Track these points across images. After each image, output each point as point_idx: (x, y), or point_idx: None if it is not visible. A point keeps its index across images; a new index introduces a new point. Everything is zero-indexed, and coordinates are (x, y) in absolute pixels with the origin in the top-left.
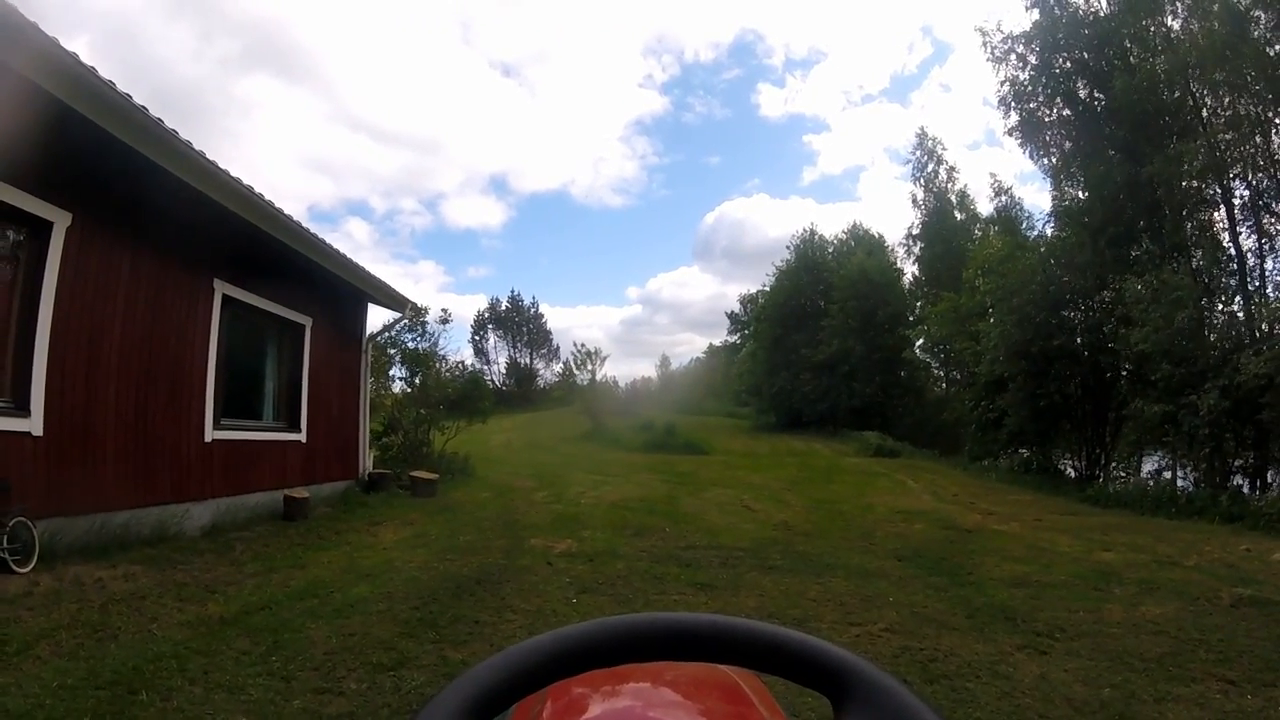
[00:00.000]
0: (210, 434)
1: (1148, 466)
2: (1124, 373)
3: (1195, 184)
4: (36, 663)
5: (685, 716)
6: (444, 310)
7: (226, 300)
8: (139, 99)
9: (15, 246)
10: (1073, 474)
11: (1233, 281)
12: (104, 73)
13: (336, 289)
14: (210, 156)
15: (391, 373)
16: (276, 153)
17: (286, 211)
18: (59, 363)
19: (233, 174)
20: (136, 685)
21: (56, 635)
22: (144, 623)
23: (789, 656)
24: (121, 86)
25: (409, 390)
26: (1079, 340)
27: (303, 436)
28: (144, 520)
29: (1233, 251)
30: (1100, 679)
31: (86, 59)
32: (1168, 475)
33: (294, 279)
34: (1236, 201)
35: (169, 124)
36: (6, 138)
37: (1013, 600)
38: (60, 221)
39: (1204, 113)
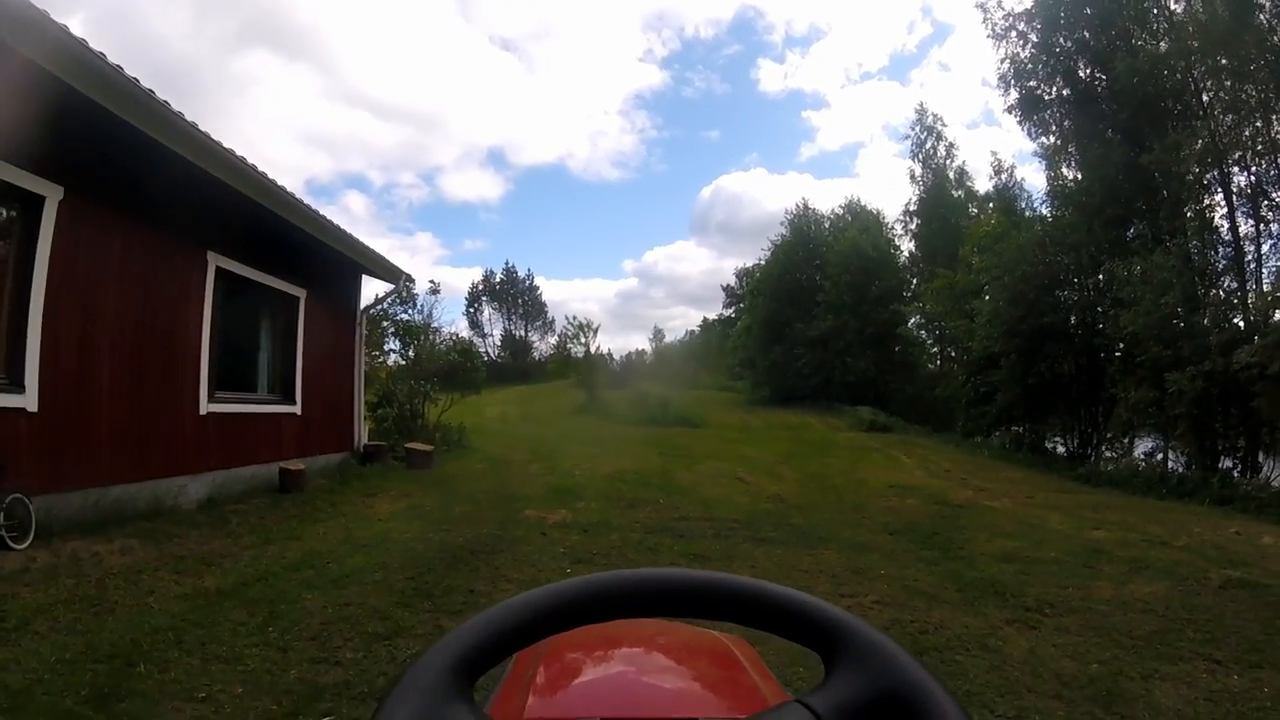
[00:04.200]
0: (205, 407)
1: (1141, 448)
2: (1116, 354)
3: (1195, 169)
4: (35, 638)
5: (677, 679)
6: (432, 281)
7: (220, 273)
8: (137, 75)
9: (7, 222)
10: (1064, 452)
11: (1220, 266)
12: (103, 48)
13: (331, 261)
14: (205, 130)
15: (386, 345)
16: (275, 129)
17: (280, 183)
18: (53, 338)
19: (225, 146)
20: (134, 658)
21: (54, 610)
22: (141, 596)
23: (781, 613)
24: (120, 63)
25: (403, 363)
26: (1072, 320)
27: (298, 409)
28: (140, 494)
29: (1229, 237)
30: (1088, 655)
31: (83, 34)
32: (1160, 458)
33: (288, 251)
34: (1235, 187)
35: (166, 101)
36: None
37: (1003, 575)
38: (52, 196)
39: (1205, 97)
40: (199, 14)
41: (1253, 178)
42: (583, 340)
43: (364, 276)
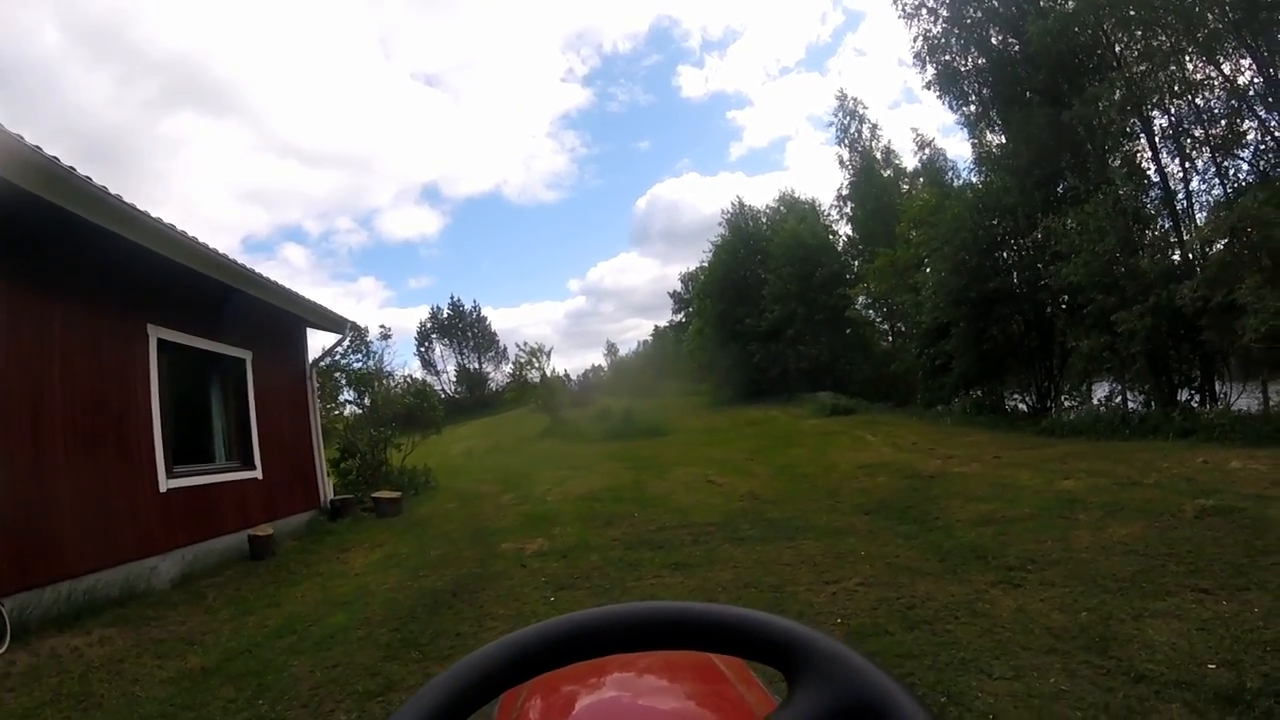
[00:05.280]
0: (165, 484)
1: (1098, 394)
2: (1063, 306)
3: (1115, 118)
4: None
5: (661, 700)
6: (383, 326)
7: (162, 344)
8: (63, 150)
9: None
10: (1025, 409)
11: (1151, 209)
12: (28, 123)
13: (273, 318)
14: (138, 199)
15: (340, 397)
16: (208, 188)
17: (210, 246)
18: (3, 432)
19: (151, 214)
20: None
21: (41, 713)
22: (126, 686)
23: (736, 634)
24: (44, 139)
25: (360, 411)
26: (1015, 279)
27: (259, 473)
28: (111, 581)
29: (1157, 179)
30: (1076, 604)
31: (3, 112)
32: (1119, 400)
33: (228, 313)
34: (1157, 130)
35: (94, 173)
36: None
37: (981, 539)
38: None
39: (1117, 48)
40: (121, 81)
41: (1173, 118)
42: (536, 365)
43: (309, 330)
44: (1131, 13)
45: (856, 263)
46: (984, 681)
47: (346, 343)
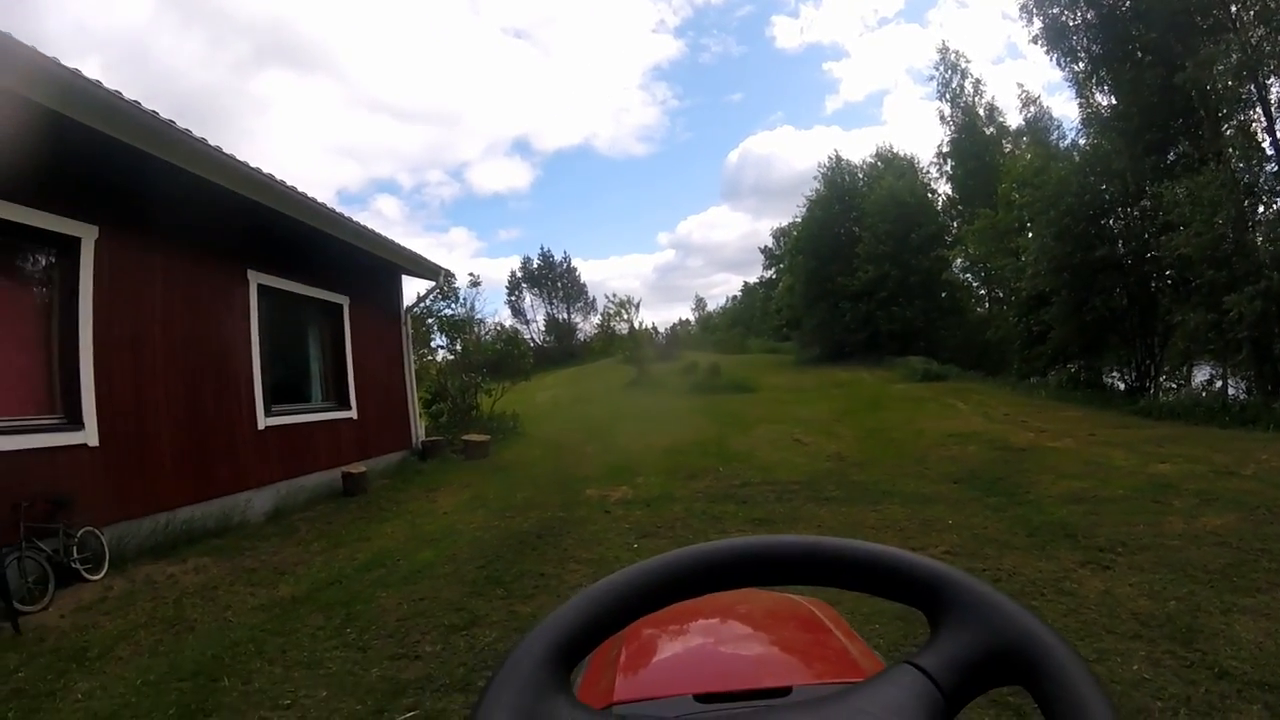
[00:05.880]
0: (263, 422)
1: (1198, 377)
2: (1168, 281)
3: (1230, 84)
4: (118, 663)
5: (766, 647)
6: (471, 275)
7: (262, 289)
8: (159, 110)
9: (48, 267)
10: (1123, 387)
11: (1265, 183)
12: (122, 88)
13: (369, 265)
14: (228, 153)
15: (433, 342)
16: (299, 144)
17: (308, 194)
18: (105, 372)
19: (250, 164)
20: (217, 673)
21: (135, 635)
22: (218, 612)
23: (880, 572)
24: (140, 99)
25: (451, 357)
26: (1120, 249)
27: (353, 413)
28: (207, 513)
29: (1271, 152)
30: (1164, 592)
31: (101, 77)
32: (1219, 385)
33: (326, 260)
34: (1274, 99)
35: (186, 129)
36: (22, 162)
37: (1071, 517)
38: (87, 236)
39: (1233, 8)
40: (212, 43)
41: None
42: (625, 317)
43: (404, 277)
44: None
45: (955, 224)
46: None
47: (439, 290)
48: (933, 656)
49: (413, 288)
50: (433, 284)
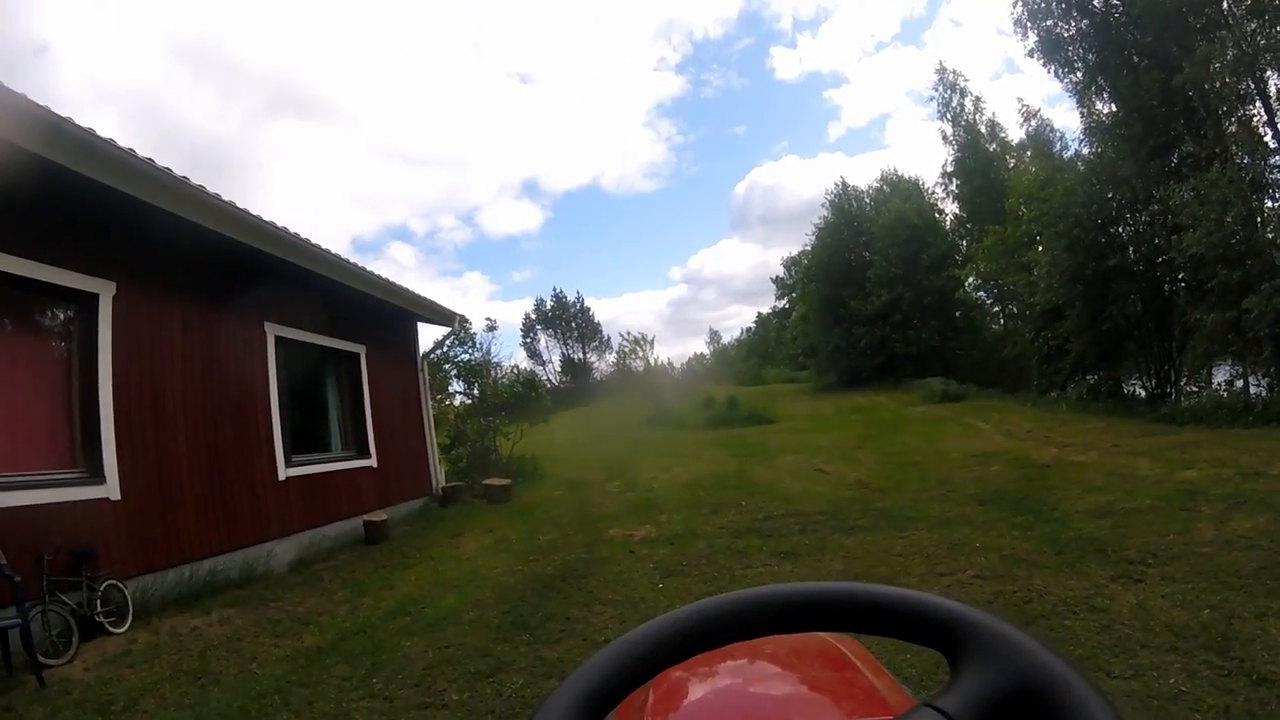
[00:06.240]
0: (284, 472)
1: (1219, 377)
2: (1182, 283)
3: (1228, 80)
4: (144, 717)
5: (793, 687)
6: (488, 319)
7: (279, 341)
8: (171, 163)
9: (67, 323)
10: (1143, 395)
11: (1270, 178)
12: (135, 142)
13: (384, 313)
14: (242, 205)
15: (450, 387)
16: (314, 193)
17: (321, 245)
18: (126, 426)
19: (264, 217)
20: None
21: (160, 688)
22: (243, 663)
23: (897, 615)
24: (152, 152)
25: (469, 401)
26: (1132, 255)
27: (373, 461)
28: (230, 564)
29: (1275, 145)
30: (1198, 601)
31: (115, 131)
32: (1240, 385)
33: (342, 310)
34: (1272, 92)
35: (200, 182)
36: (40, 218)
37: (1100, 531)
38: (105, 291)
39: (1225, 4)
40: (224, 95)
41: None
42: (640, 354)
43: (419, 324)
44: None
45: (965, 242)
46: (1102, 681)
47: (454, 335)
48: (953, 698)
49: (429, 334)
50: (449, 329)
